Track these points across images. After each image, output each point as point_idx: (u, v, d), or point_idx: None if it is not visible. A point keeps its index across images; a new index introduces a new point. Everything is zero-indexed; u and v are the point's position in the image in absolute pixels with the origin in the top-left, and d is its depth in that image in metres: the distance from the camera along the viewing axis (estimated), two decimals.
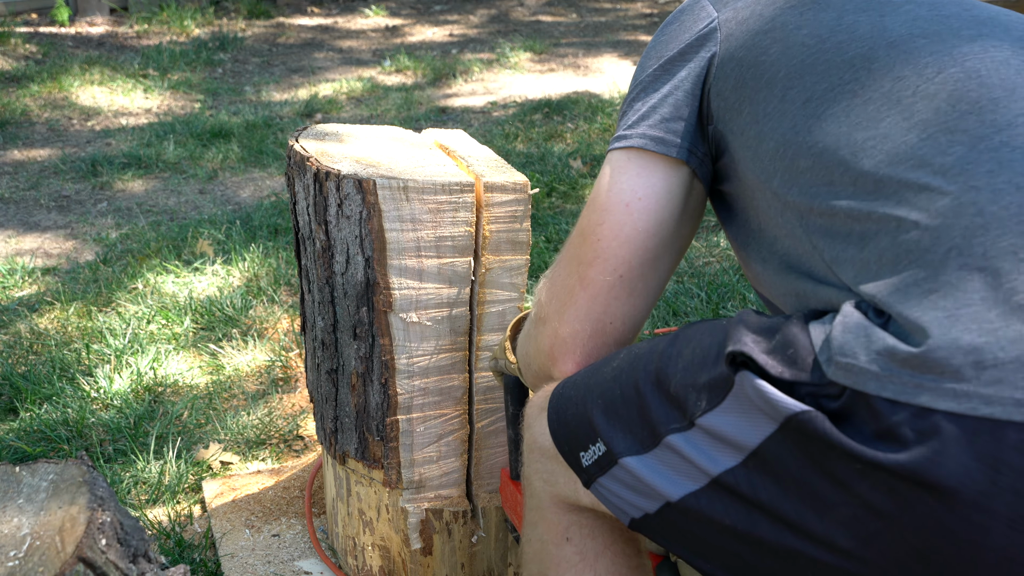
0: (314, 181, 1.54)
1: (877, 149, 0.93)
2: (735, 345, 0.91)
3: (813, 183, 0.98)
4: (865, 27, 1.03)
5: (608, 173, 1.15)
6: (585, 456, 1.08)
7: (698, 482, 0.95)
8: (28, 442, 2.25)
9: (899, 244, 0.88)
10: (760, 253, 1.09)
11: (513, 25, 7.57)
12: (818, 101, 1.00)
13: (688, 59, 1.14)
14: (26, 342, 2.74)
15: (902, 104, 0.95)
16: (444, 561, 1.73)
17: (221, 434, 2.32)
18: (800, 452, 0.86)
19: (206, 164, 4.34)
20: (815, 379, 0.86)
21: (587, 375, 1.13)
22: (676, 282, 3.06)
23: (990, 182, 0.86)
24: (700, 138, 1.14)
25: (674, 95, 1.14)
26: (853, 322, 0.86)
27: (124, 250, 3.39)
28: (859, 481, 0.83)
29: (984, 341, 0.78)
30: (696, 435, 0.95)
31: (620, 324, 1.16)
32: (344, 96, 5.52)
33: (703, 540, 0.98)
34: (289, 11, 7.87)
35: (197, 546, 1.93)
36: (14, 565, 1.13)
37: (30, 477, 1.30)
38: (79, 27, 6.84)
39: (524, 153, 4.34)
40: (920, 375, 0.80)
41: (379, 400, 1.61)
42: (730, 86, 1.10)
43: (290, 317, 2.86)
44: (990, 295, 0.80)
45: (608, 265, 1.13)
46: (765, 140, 1.04)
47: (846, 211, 0.94)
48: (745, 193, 1.11)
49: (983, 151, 0.88)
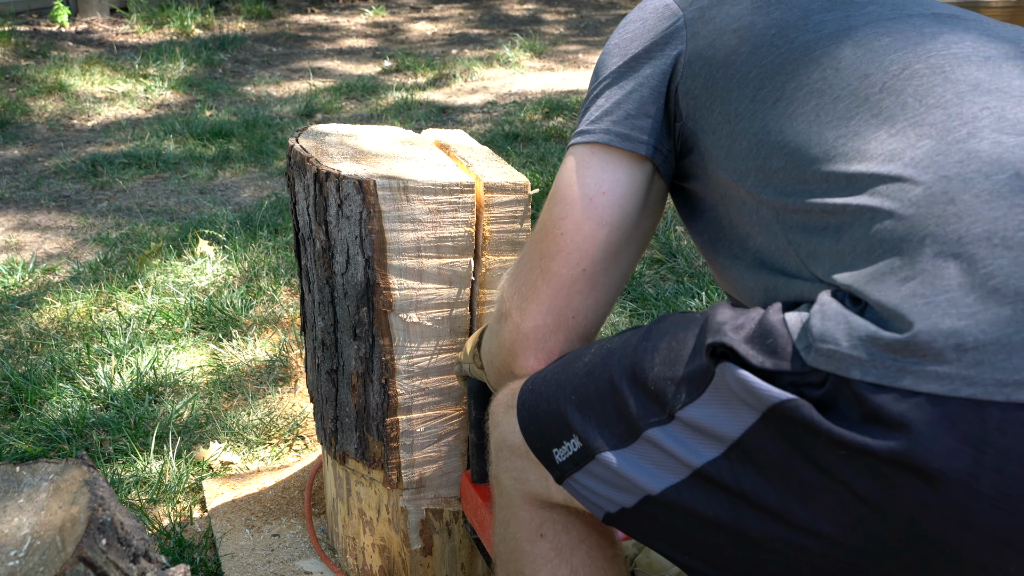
0: (314, 181, 1.54)
1: (848, 146, 0.95)
2: (715, 336, 0.91)
3: (787, 182, 0.99)
4: (831, 26, 1.04)
5: (571, 167, 1.16)
6: (559, 452, 1.08)
7: (679, 475, 0.95)
8: (28, 442, 2.25)
9: (874, 234, 0.89)
10: (731, 249, 1.10)
11: (513, 24, 7.57)
12: (788, 100, 1.02)
13: (654, 56, 1.15)
14: (26, 342, 2.74)
15: (870, 101, 0.96)
16: (444, 561, 1.73)
17: (221, 434, 2.33)
18: (783, 441, 0.87)
19: (206, 164, 4.34)
20: (796, 368, 0.86)
21: (557, 371, 1.13)
22: (676, 282, 3.06)
23: (961, 171, 0.87)
24: (665, 135, 1.15)
25: (639, 92, 1.15)
26: (832, 310, 0.87)
27: (124, 250, 3.39)
28: (844, 467, 0.83)
29: (964, 325, 0.79)
30: (676, 428, 0.95)
31: (583, 318, 1.16)
32: (344, 96, 5.52)
33: (684, 533, 0.98)
34: (289, 11, 7.87)
35: (197, 546, 1.93)
36: (14, 565, 1.13)
37: (30, 477, 1.30)
38: (79, 27, 6.84)
39: (524, 153, 4.34)
40: (902, 359, 0.81)
41: (379, 400, 1.61)
42: (700, 85, 1.11)
43: (290, 317, 2.87)
44: (967, 280, 0.81)
45: (571, 259, 1.13)
46: (738, 139, 1.05)
47: (821, 207, 0.95)
48: (715, 191, 1.11)
49: (952, 143, 0.89)
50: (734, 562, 0.96)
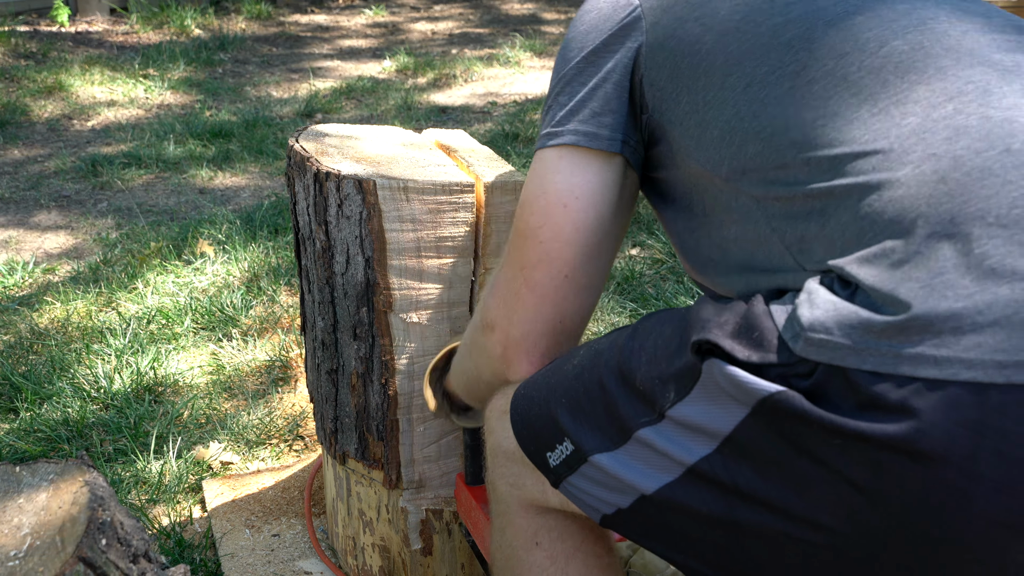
0: (314, 181, 1.54)
1: (828, 127, 0.92)
2: (699, 333, 0.90)
3: (765, 168, 0.96)
4: (799, 9, 1.02)
5: (541, 173, 1.14)
6: (552, 456, 1.07)
7: (673, 473, 0.95)
8: (28, 442, 2.25)
9: (863, 218, 0.87)
10: (710, 238, 1.08)
11: (513, 24, 7.57)
12: (760, 85, 0.99)
13: (614, 49, 1.13)
14: (26, 342, 2.74)
15: (848, 81, 0.93)
16: (444, 561, 1.73)
17: (221, 434, 2.33)
18: (775, 433, 0.86)
19: (206, 164, 4.34)
20: (783, 359, 0.85)
21: (547, 375, 1.13)
22: (676, 282, 3.06)
23: (949, 149, 0.85)
24: (632, 128, 1.13)
25: (603, 88, 1.13)
26: (821, 298, 0.85)
27: (124, 250, 3.39)
28: (838, 457, 0.82)
29: (961, 307, 0.78)
30: (667, 427, 0.94)
31: (570, 321, 1.16)
32: (344, 96, 5.52)
33: (680, 532, 0.98)
34: (289, 11, 7.87)
35: (197, 546, 1.93)
36: (14, 565, 1.13)
37: (30, 477, 1.30)
38: (79, 27, 6.84)
39: (524, 153, 4.34)
40: (899, 345, 0.79)
41: (379, 400, 1.61)
42: (665, 76, 1.08)
43: (290, 317, 2.86)
44: (962, 261, 0.80)
45: (553, 267, 1.13)
46: (708, 128, 1.03)
47: (804, 192, 0.92)
48: (687, 179, 1.09)
49: (938, 120, 0.87)
50: (731, 560, 0.95)
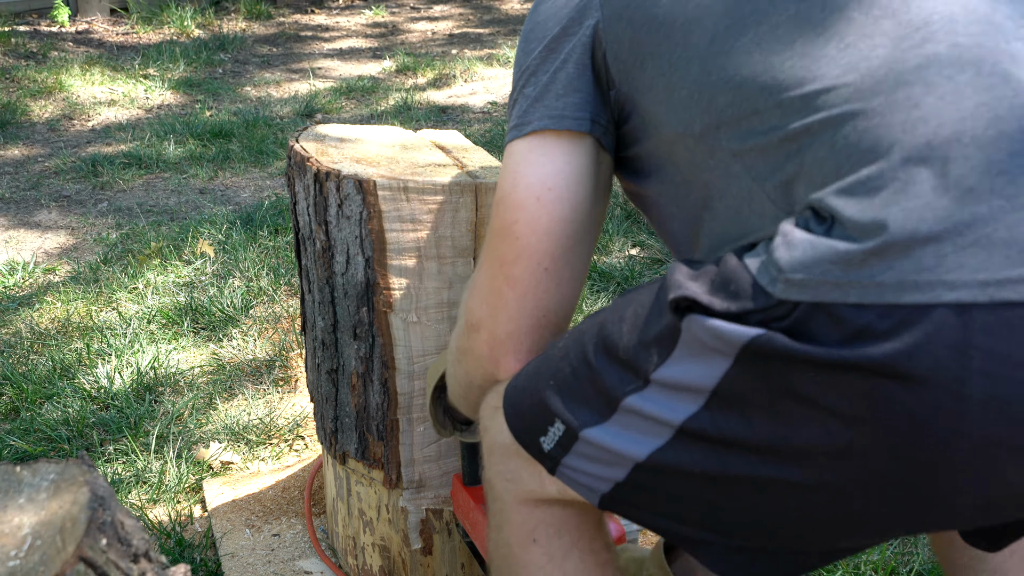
0: (314, 181, 1.54)
1: (797, 67, 0.92)
2: (676, 291, 0.90)
3: (738, 118, 0.96)
4: None
5: (512, 167, 1.12)
6: (545, 440, 1.07)
7: (663, 436, 0.94)
8: (28, 442, 2.25)
9: (839, 150, 0.87)
10: (691, 210, 1.07)
11: (513, 24, 7.57)
12: (723, 38, 0.98)
13: (572, 33, 1.12)
14: (26, 342, 2.74)
15: (812, 21, 0.93)
16: (444, 561, 1.73)
17: (221, 434, 2.33)
18: (760, 379, 0.85)
19: (206, 164, 4.34)
20: (760, 304, 0.85)
21: (536, 363, 1.13)
22: None
23: (921, 75, 0.85)
24: (602, 107, 1.12)
25: (564, 70, 1.12)
26: (796, 238, 0.85)
27: (124, 250, 3.39)
28: (825, 393, 0.82)
29: (942, 229, 0.78)
30: (653, 391, 0.94)
31: (554, 314, 1.15)
32: (344, 96, 5.52)
33: (677, 497, 0.97)
34: (289, 11, 7.87)
35: (198, 546, 1.93)
36: (15, 564, 1.13)
37: (30, 477, 1.30)
38: (79, 27, 6.84)
39: None
40: (880, 272, 0.79)
41: (379, 400, 1.61)
42: (626, 47, 1.08)
43: (290, 317, 2.87)
44: (940, 183, 0.80)
45: (532, 261, 1.12)
46: (676, 90, 1.02)
47: (781, 136, 0.92)
48: (661, 148, 1.08)
49: (907, 49, 0.88)
50: (731, 519, 0.95)
